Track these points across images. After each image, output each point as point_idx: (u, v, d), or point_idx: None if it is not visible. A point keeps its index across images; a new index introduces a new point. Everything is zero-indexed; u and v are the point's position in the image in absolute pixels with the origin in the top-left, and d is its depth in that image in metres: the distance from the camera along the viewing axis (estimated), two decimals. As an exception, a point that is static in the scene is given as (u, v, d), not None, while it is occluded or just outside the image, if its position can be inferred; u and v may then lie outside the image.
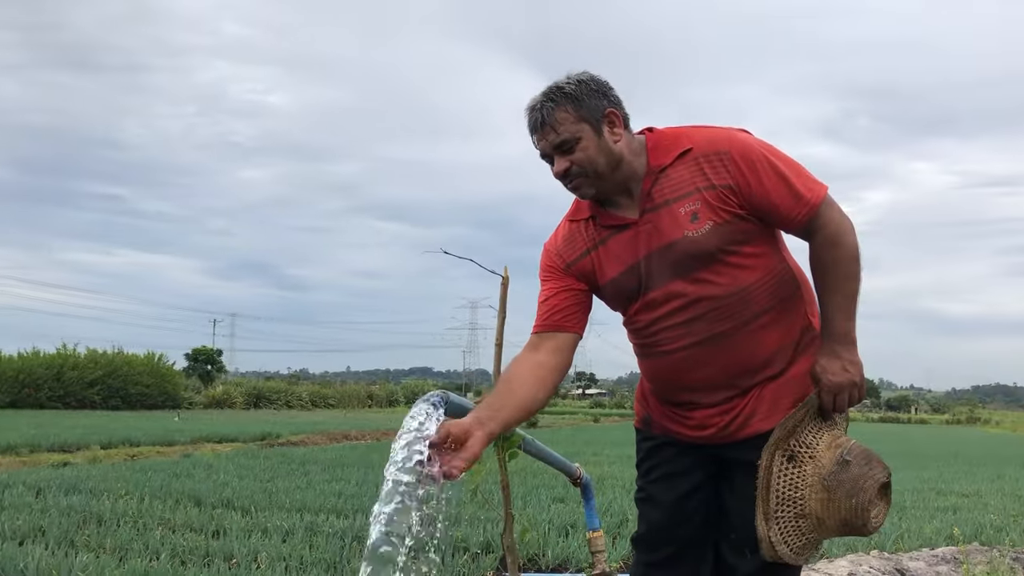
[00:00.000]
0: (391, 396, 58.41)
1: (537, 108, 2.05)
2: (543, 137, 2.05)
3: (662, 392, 2.27)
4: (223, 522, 6.04)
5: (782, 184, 2.02)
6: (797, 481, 2.03)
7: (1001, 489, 10.40)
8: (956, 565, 4.30)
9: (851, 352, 2.07)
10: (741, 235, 2.05)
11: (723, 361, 2.11)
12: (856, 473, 1.98)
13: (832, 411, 2.09)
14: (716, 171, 2.03)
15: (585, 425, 34.59)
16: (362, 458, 12.28)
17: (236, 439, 17.16)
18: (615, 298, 2.21)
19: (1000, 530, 6.47)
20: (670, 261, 2.06)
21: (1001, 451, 21.49)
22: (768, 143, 2.09)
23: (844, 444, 2.03)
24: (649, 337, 2.19)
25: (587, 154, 2.03)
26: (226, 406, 40.95)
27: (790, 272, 2.17)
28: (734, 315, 2.08)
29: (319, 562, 4.76)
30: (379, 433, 21.55)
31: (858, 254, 2.07)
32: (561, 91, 2.03)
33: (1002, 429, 48.63)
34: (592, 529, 3.08)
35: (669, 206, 2.06)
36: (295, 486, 8.40)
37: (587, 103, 2.03)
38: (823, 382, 2.06)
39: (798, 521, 2.03)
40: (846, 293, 2.06)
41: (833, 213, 2.05)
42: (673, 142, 2.09)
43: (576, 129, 2.02)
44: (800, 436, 2.05)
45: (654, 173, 2.08)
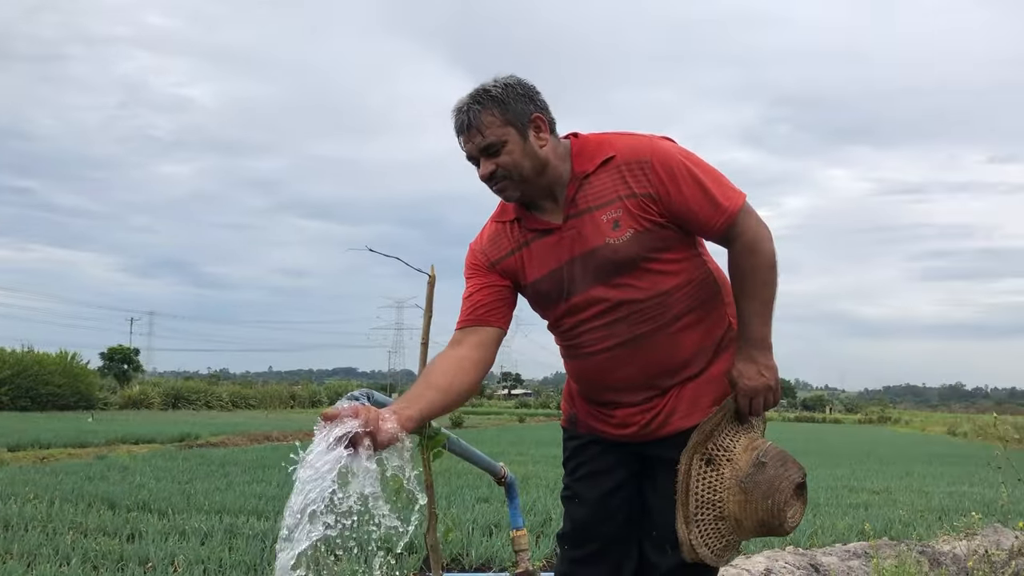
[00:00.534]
0: (314, 397, 57.57)
1: (463, 110, 2.05)
2: (469, 139, 2.05)
3: (586, 392, 2.30)
4: (139, 525, 5.89)
5: (701, 193, 2.05)
6: (715, 484, 2.06)
7: (909, 486, 10.77)
8: (866, 559, 4.44)
9: (767, 356, 2.12)
10: (662, 242, 2.08)
11: (644, 362, 2.14)
12: (772, 474, 2.02)
13: (748, 414, 2.13)
14: (637, 179, 2.05)
15: (510, 425, 34.66)
16: (284, 459, 11.97)
17: (153, 440, 16.74)
18: (538, 300, 2.23)
19: (908, 525, 6.71)
20: (592, 267, 2.09)
21: (910, 450, 22.26)
22: (689, 151, 2.12)
23: (760, 446, 2.07)
24: (573, 339, 2.22)
25: (512, 158, 2.04)
26: (143, 407, 39.81)
27: (711, 276, 2.21)
28: (655, 318, 2.11)
29: (239, 564, 4.68)
30: (302, 434, 21.17)
31: (775, 261, 2.11)
32: (488, 94, 2.04)
33: (911, 428, 50.33)
34: (516, 528, 3.09)
35: (592, 213, 2.08)
36: (214, 488, 8.24)
37: (513, 107, 2.04)
38: (739, 386, 2.11)
39: (717, 523, 2.07)
40: (763, 299, 2.10)
41: (751, 221, 2.08)
42: (596, 149, 2.11)
43: (502, 132, 2.03)
44: (718, 439, 2.09)
45: (578, 179, 2.09)
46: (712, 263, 2.24)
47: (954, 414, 63.34)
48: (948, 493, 9.87)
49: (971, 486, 11.04)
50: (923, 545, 4.76)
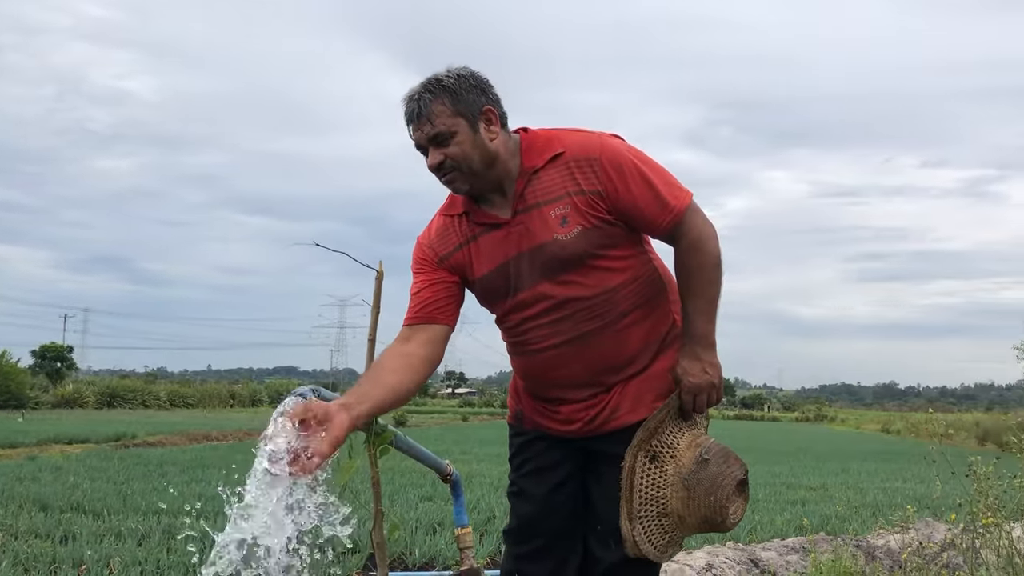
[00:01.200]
0: (254, 396, 56.75)
1: (414, 99, 2.03)
2: (419, 128, 2.03)
3: (532, 388, 2.31)
4: (72, 527, 5.74)
5: (649, 191, 2.06)
6: (659, 481, 2.08)
7: (845, 482, 11.03)
8: (804, 554, 4.53)
9: (711, 354, 2.14)
10: (609, 239, 2.09)
11: (590, 359, 2.16)
12: (715, 471, 2.05)
13: (692, 411, 2.15)
14: (586, 177, 2.06)
15: (454, 424, 34.62)
16: (224, 459, 11.91)
17: (88, 440, 16.33)
18: (485, 295, 2.23)
19: (844, 520, 6.86)
20: (539, 263, 2.09)
21: (845, 447, 22.78)
22: (638, 149, 2.13)
23: (703, 443, 2.10)
24: (519, 336, 2.22)
25: (462, 149, 2.03)
26: (77, 406, 38.81)
27: (656, 273, 2.23)
28: (601, 315, 2.12)
29: (177, 566, 4.59)
30: (242, 433, 20.94)
31: (720, 260, 2.13)
32: (439, 83, 2.02)
33: (846, 427, 51.48)
34: (461, 525, 3.09)
35: (540, 208, 2.08)
36: (152, 488, 8.08)
37: (465, 98, 2.03)
38: (684, 383, 2.13)
39: (661, 520, 2.08)
40: (707, 297, 2.13)
41: (697, 220, 2.10)
42: (546, 144, 2.11)
43: (452, 123, 2.01)
44: (661, 436, 2.11)
45: (527, 174, 2.09)
46: (658, 260, 2.26)
47: (888, 412, 64.95)
48: (882, 489, 10.13)
49: (904, 482, 11.34)
50: (858, 539, 4.87)
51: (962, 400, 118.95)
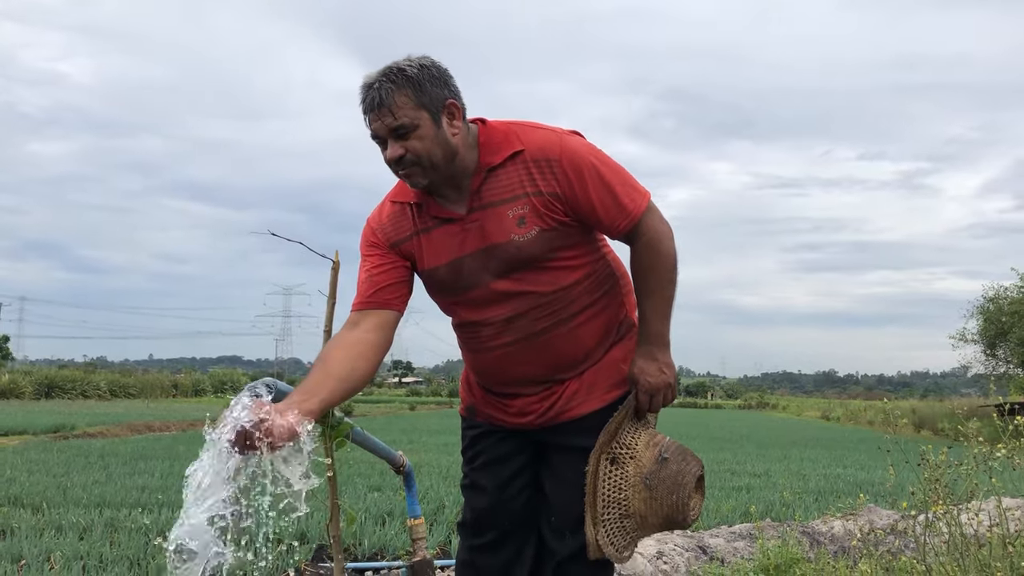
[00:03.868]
0: (197, 385, 55.87)
1: (374, 87, 1.94)
2: (379, 118, 1.94)
3: (485, 383, 2.29)
4: (10, 521, 5.61)
5: (607, 195, 2.03)
6: (620, 483, 2.08)
7: (788, 469, 11.22)
8: (751, 540, 4.60)
9: (666, 354, 2.14)
10: (565, 240, 2.07)
11: (543, 357, 2.15)
12: (675, 470, 2.06)
13: (648, 411, 2.16)
14: (545, 178, 2.02)
15: (401, 413, 34.47)
16: (167, 450, 11.72)
17: (25, 431, 15.96)
18: (434, 287, 2.20)
19: (787, 506, 6.98)
20: (494, 262, 2.06)
21: (787, 434, 23.18)
22: (597, 149, 2.10)
23: (661, 442, 2.11)
24: (470, 332, 2.20)
25: (423, 144, 1.96)
26: (13, 396, 37.81)
27: (609, 268, 2.23)
28: (555, 313, 2.11)
29: (121, 559, 4.50)
30: (185, 424, 20.61)
31: (675, 260, 2.12)
32: (403, 73, 1.94)
33: (787, 414, 52.43)
34: (413, 516, 3.07)
35: (496, 208, 2.04)
36: (93, 480, 7.92)
37: (428, 90, 1.95)
38: (641, 383, 2.12)
39: (623, 521, 2.09)
40: (663, 297, 2.12)
41: (653, 220, 2.09)
42: (504, 140, 2.05)
43: (415, 116, 1.94)
44: (620, 438, 2.12)
45: (484, 171, 2.04)
46: (611, 254, 2.26)
47: (827, 400, 66.24)
48: (824, 475, 10.33)
49: (845, 468, 11.58)
50: (804, 526, 4.96)
51: (898, 388, 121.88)
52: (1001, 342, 27.59)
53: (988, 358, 28.96)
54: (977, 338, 28.67)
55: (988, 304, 28.09)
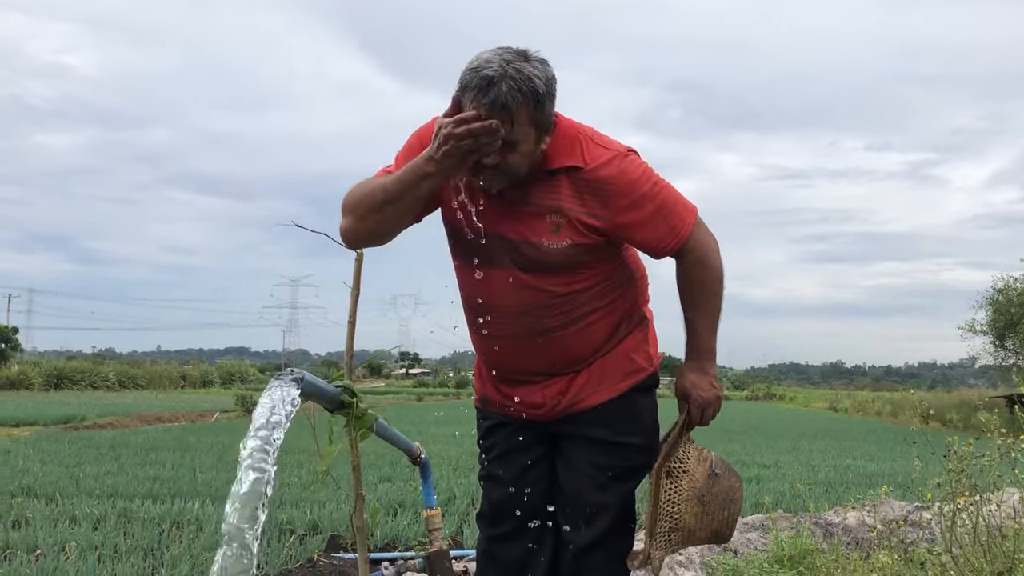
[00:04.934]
0: (205, 376, 56.10)
1: (501, 88, 1.79)
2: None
3: (494, 371, 2.28)
4: (24, 511, 5.63)
5: (659, 218, 2.02)
6: (674, 496, 2.10)
7: (797, 460, 11.20)
8: (764, 532, 4.59)
9: (714, 367, 2.16)
10: (593, 254, 2.06)
11: (550, 353, 2.14)
12: (726, 485, 2.08)
13: (698, 425, 2.16)
14: (596, 198, 1.98)
15: (409, 404, 34.54)
16: (177, 440, 11.77)
17: (36, 423, 16.06)
18: (453, 239, 2.16)
19: (798, 497, 6.97)
20: (518, 253, 2.04)
21: (795, 425, 23.14)
22: (651, 171, 2.05)
23: (709, 457, 2.12)
24: (479, 316, 2.18)
25: (523, 160, 1.91)
26: (23, 387, 38.01)
27: (628, 271, 2.21)
28: (566, 312, 2.10)
29: (135, 550, 4.52)
30: (194, 415, 20.70)
31: (722, 273, 2.12)
32: (532, 85, 1.82)
33: (795, 405, 52.28)
34: (429, 508, 3.08)
35: (539, 208, 2.01)
36: (105, 471, 7.95)
37: (546, 109, 1.88)
38: (693, 397, 2.14)
39: (671, 535, 2.11)
40: (712, 311, 2.13)
41: (701, 235, 2.08)
42: (568, 149, 1.99)
43: (526, 132, 1.86)
44: (674, 452, 2.13)
45: (540, 172, 1.99)
46: (632, 255, 2.25)
47: (835, 391, 66.06)
48: (833, 466, 10.31)
49: (854, 459, 11.55)
50: (816, 517, 4.95)
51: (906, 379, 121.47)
52: (1010, 333, 27.49)
53: (997, 349, 28.88)
54: (986, 329, 28.58)
55: (997, 295, 27.98)
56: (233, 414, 21.61)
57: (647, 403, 2.25)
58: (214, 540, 4.72)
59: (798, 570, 3.80)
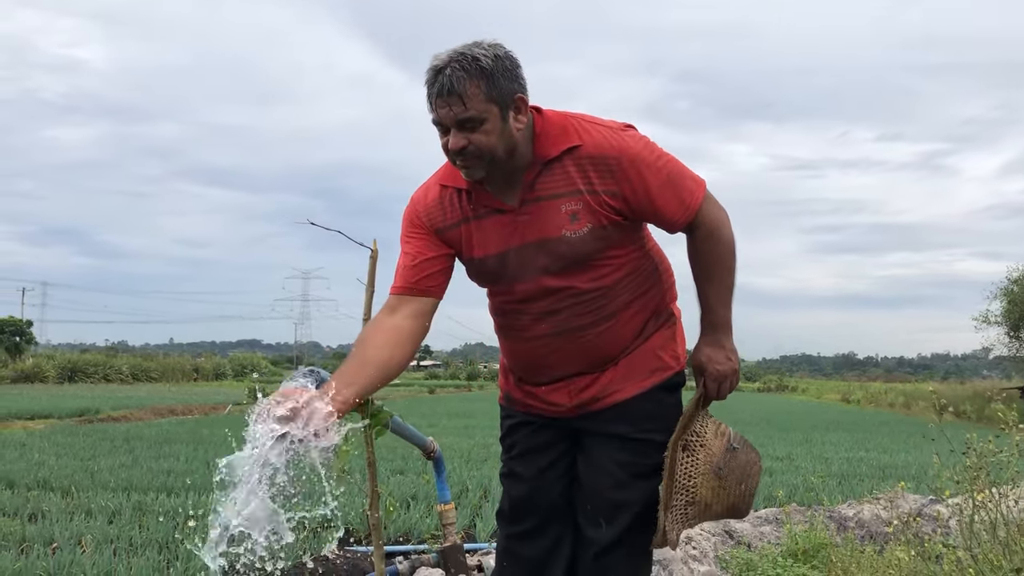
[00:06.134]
0: (218, 369, 56.35)
1: (446, 72, 1.86)
2: (447, 105, 1.87)
3: (521, 371, 2.28)
4: (41, 504, 5.68)
5: (668, 191, 2.00)
6: (691, 470, 2.08)
7: (810, 452, 11.17)
8: (778, 525, 4.58)
9: (731, 340, 2.14)
10: (616, 238, 2.05)
11: (580, 352, 2.13)
12: (744, 460, 2.06)
13: (715, 399, 2.15)
14: (602, 176, 1.97)
15: (421, 396, 34.63)
16: (191, 433, 11.82)
17: (50, 415, 16.15)
18: (478, 276, 2.18)
19: (811, 490, 6.96)
20: (543, 256, 2.03)
21: (808, 417, 23.08)
22: (652, 143, 2.04)
23: (727, 432, 2.11)
24: (510, 319, 2.18)
25: (489, 138, 1.90)
26: (37, 380, 38.26)
27: (653, 263, 2.20)
28: (596, 310, 2.09)
29: (150, 543, 4.55)
30: (207, 407, 20.78)
31: (734, 246, 2.10)
32: (477, 63, 1.86)
33: (807, 396, 52.17)
34: (444, 502, 3.08)
35: (549, 201, 2.00)
36: (120, 464, 8.00)
37: (501, 83, 1.89)
38: (709, 371, 2.12)
39: (687, 508, 2.08)
40: (725, 284, 2.11)
41: (711, 208, 2.06)
42: (561, 134, 2.00)
43: (484, 109, 1.87)
44: (691, 426, 2.11)
45: (539, 164, 1.99)
46: (654, 246, 2.24)
47: (847, 382, 65.80)
48: (846, 459, 10.28)
49: (867, 452, 11.52)
50: (829, 510, 4.94)
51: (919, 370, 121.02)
52: (1024, 324, 27.35)
53: (1012, 340, 28.72)
54: (1000, 320, 28.43)
55: (1012, 286, 27.81)
56: (246, 407, 21.68)
57: (672, 401, 2.23)
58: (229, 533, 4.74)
59: (812, 564, 3.79)
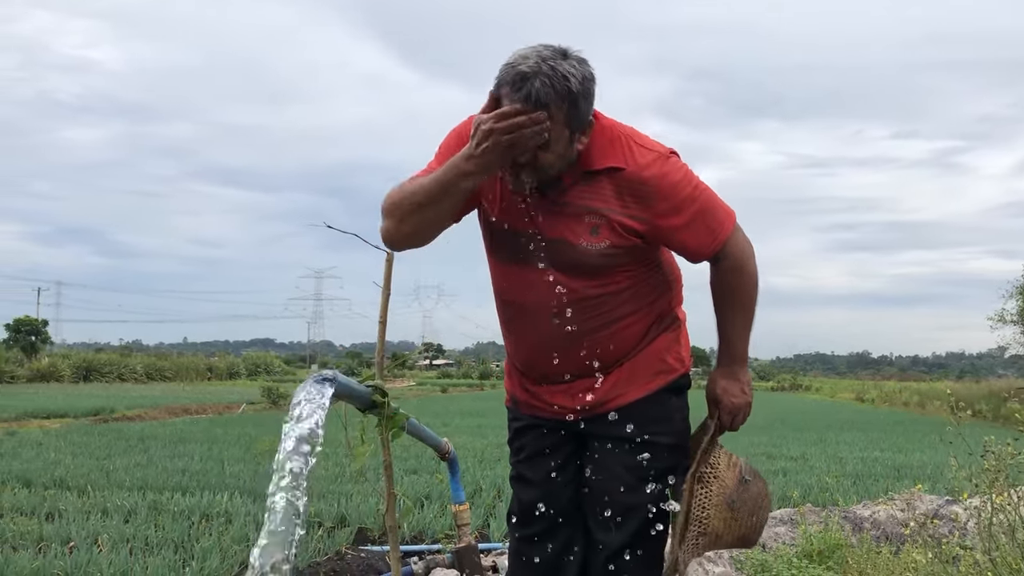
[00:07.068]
0: (232, 368, 56.58)
1: (534, 84, 1.78)
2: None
3: (522, 366, 2.27)
4: (57, 503, 5.72)
5: (699, 223, 2.01)
6: (704, 501, 2.09)
7: (824, 452, 11.12)
8: (792, 526, 4.56)
9: (746, 374, 2.16)
10: (632, 256, 2.05)
11: (582, 356, 2.12)
12: (755, 492, 2.07)
13: (728, 430, 2.16)
14: (637, 200, 1.97)
15: (433, 395, 34.69)
16: (205, 433, 11.88)
17: (66, 415, 16.26)
18: (491, 238, 2.15)
19: (826, 491, 6.93)
20: (555, 255, 2.03)
21: (822, 416, 23.01)
22: (692, 174, 2.03)
23: (738, 463, 2.11)
24: (512, 313, 2.18)
25: (551, 159, 1.88)
26: (53, 379, 38.50)
27: (663, 276, 2.19)
28: (601, 315, 2.09)
29: (166, 542, 4.57)
30: (221, 407, 20.88)
31: (757, 279, 2.11)
32: (567, 84, 1.80)
33: (821, 395, 51.92)
34: (458, 502, 3.09)
35: (578, 209, 1.99)
36: (135, 463, 8.05)
37: (581, 109, 1.86)
38: (724, 403, 2.13)
39: (699, 539, 2.09)
40: (745, 317, 2.12)
41: (738, 240, 2.07)
42: (609, 149, 1.97)
43: (559, 132, 1.84)
44: (705, 457, 2.12)
45: (579, 173, 1.98)
46: (667, 258, 2.22)
47: (861, 381, 65.53)
48: (861, 459, 10.23)
49: (881, 451, 11.46)
50: (844, 510, 4.92)
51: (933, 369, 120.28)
52: (1041, 323, 27.15)
53: (1028, 339, 28.51)
54: (1016, 319, 28.22)
55: (1028, 284, 27.60)
56: (260, 406, 21.79)
57: (678, 404, 2.23)
58: (243, 533, 4.77)
59: (827, 565, 3.77)
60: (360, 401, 1.74)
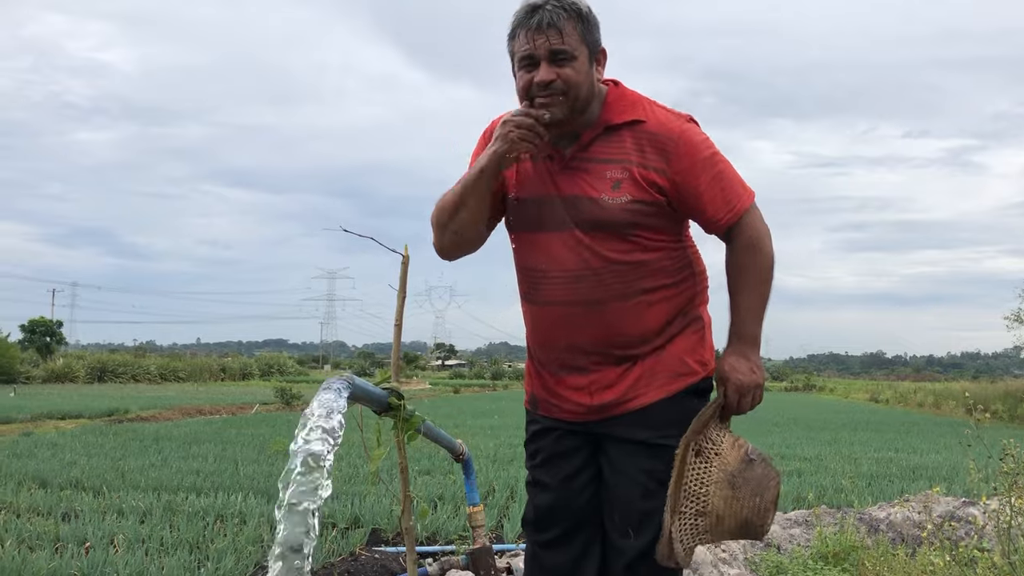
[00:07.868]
0: (245, 369, 56.72)
1: (546, 8, 1.95)
2: (543, 35, 1.96)
3: (539, 350, 2.25)
4: (73, 504, 5.75)
5: (716, 187, 2.04)
6: (703, 476, 2.03)
7: (838, 452, 11.07)
8: (808, 527, 4.55)
9: (757, 355, 2.12)
10: (652, 218, 2.06)
11: (600, 326, 2.11)
12: (760, 473, 2.02)
13: (735, 411, 2.11)
14: (657, 154, 2.03)
15: (445, 396, 34.70)
16: (218, 434, 11.91)
17: (81, 415, 16.34)
18: (515, 217, 2.19)
19: (840, 492, 6.89)
20: (576, 213, 2.06)
21: (836, 417, 22.88)
22: (711, 141, 2.10)
23: (745, 444, 2.07)
24: (534, 281, 2.17)
25: (577, 75, 1.98)
26: (67, 380, 38.70)
27: (687, 260, 2.19)
28: (621, 285, 2.08)
29: (181, 543, 4.59)
30: (234, 407, 20.92)
31: (773, 260, 2.11)
32: (575, 6, 1.97)
33: (835, 396, 51.68)
34: (472, 504, 3.09)
35: (598, 164, 2.05)
36: (149, 464, 8.08)
37: (592, 31, 2.01)
38: (731, 381, 2.08)
39: (697, 519, 2.03)
40: (759, 297, 2.11)
41: (755, 219, 2.09)
42: (630, 106, 2.08)
43: (578, 47, 1.98)
44: (707, 432, 2.08)
45: (600, 127, 2.07)
46: (694, 251, 2.23)
47: (875, 381, 65.25)
48: (876, 459, 10.18)
49: (896, 452, 11.40)
50: (860, 512, 4.90)
51: (948, 369, 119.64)
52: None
53: (1044, 339, 28.30)
54: (1032, 319, 28.03)
55: (1044, 284, 27.39)
56: (273, 406, 21.85)
57: (698, 407, 2.20)
58: (257, 534, 4.78)
59: (843, 567, 3.75)
60: (376, 404, 1.74)
